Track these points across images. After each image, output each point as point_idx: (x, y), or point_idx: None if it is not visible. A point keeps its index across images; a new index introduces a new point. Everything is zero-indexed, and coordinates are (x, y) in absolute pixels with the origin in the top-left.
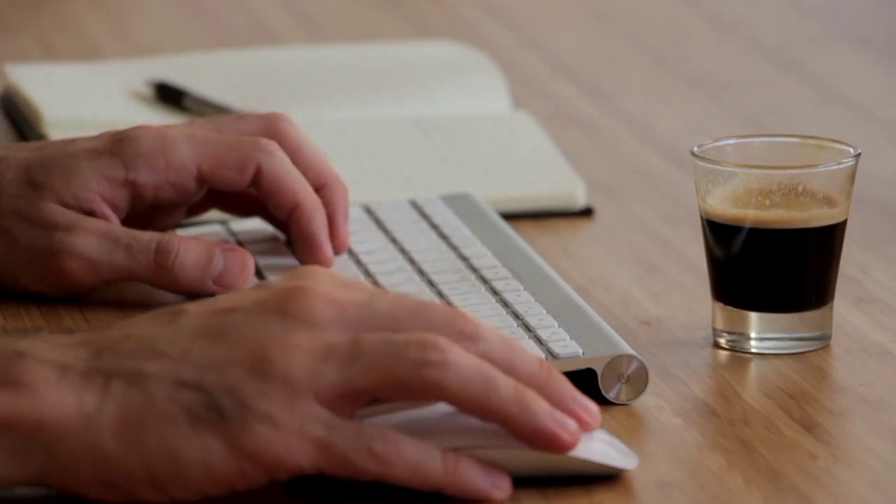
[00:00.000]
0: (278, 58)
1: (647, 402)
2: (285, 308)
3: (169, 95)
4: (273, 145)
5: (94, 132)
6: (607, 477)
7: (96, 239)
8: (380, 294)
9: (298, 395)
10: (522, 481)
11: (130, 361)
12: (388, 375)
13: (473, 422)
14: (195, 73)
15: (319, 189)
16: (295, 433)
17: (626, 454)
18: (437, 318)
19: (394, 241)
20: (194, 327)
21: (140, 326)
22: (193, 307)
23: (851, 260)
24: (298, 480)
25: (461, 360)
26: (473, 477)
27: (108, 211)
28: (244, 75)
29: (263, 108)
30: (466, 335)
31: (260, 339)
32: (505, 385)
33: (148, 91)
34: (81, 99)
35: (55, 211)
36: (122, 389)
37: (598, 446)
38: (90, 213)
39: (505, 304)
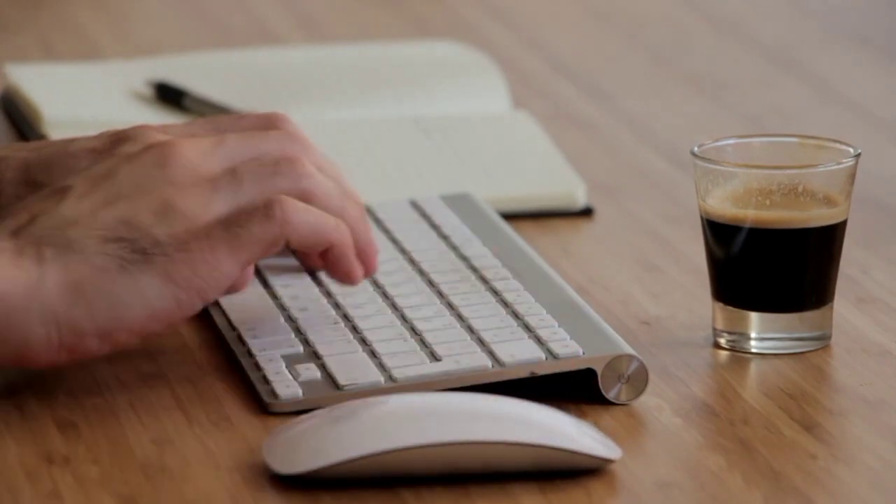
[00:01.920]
0: (278, 58)
1: (647, 402)
2: (160, 161)
3: (169, 95)
4: None
5: (94, 132)
6: (604, 475)
7: None
8: (222, 130)
9: (199, 222)
10: (521, 480)
11: (51, 232)
12: (269, 190)
13: (468, 416)
14: (195, 73)
15: None
16: (206, 250)
17: (611, 447)
18: (283, 139)
19: (394, 241)
20: (88, 197)
21: (36, 207)
22: (73, 181)
23: (851, 260)
24: (298, 478)
25: (321, 175)
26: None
27: None
28: (244, 75)
29: (263, 108)
30: (309, 149)
31: (153, 189)
32: (349, 203)
33: (148, 91)
34: (81, 99)
35: None
36: (55, 256)
37: (586, 441)
38: None
39: (505, 304)
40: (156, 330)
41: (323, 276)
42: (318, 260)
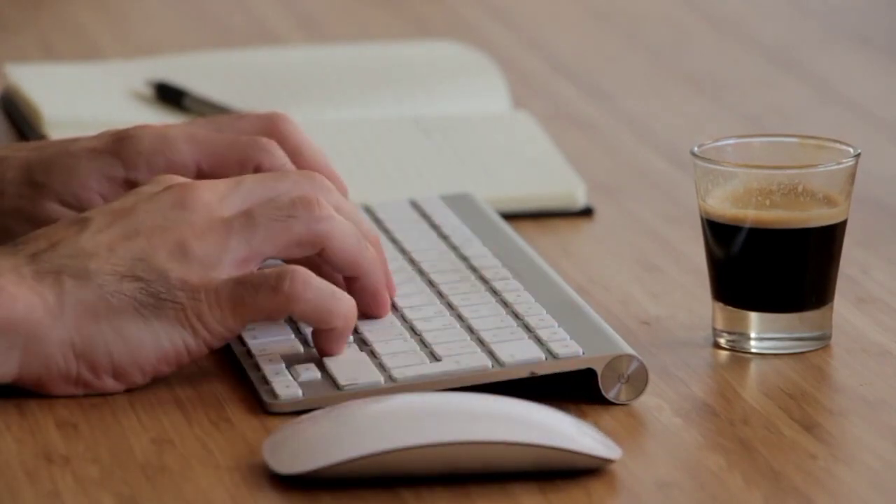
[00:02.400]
0: (278, 58)
1: (647, 402)
2: (179, 201)
3: (169, 95)
4: (273, 144)
5: (94, 132)
6: (604, 475)
7: None
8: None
9: (214, 269)
10: (521, 480)
11: (70, 261)
12: (285, 235)
13: (468, 416)
14: (195, 73)
15: None
16: (214, 305)
17: (611, 447)
18: (301, 181)
19: (394, 241)
20: (107, 231)
21: (55, 235)
22: (93, 214)
23: (851, 260)
24: (298, 478)
25: (338, 216)
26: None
27: None
28: (244, 75)
29: (263, 108)
30: (326, 190)
31: (170, 229)
32: (366, 244)
33: (148, 91)
34: (81, 99)
35: (56, 210)
36: (74, 286)
37: (586, 441)
38: None
39: (505, 304)
40: (166, 372)
41: None
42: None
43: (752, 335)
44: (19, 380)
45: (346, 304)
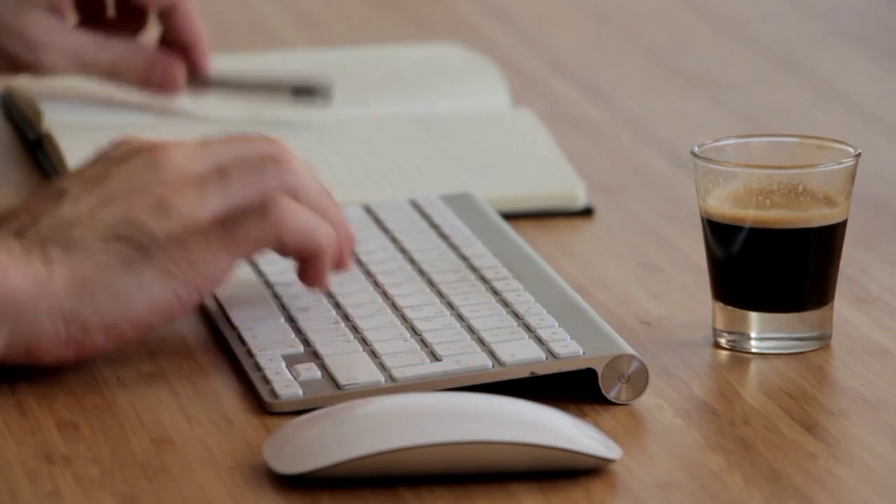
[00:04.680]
0: (280, 60)
1: (647, 402)
2: (151, 163)
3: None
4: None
5: (94, 132)
6: (604, 475)
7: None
8: (202, 138)
9: (196, 220)
10: (521, 480)
11: (55, 232)
12: (259, 187)
13: (468, 416)
14: None
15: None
16: (203, 247)
17: (611, 447)
18: (264, 143)
19: (394, 241)
20: (85, 198)
21: (35, 209)
22: (68, 184)
23: (851, 260)
24: (298, 478)
25: (304, 171)
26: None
27: None
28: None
29: (265, 108)
30: (289, 151)
31: (148, 190)
32: (330, 201)
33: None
34: (82, 99)
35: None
36: (60, 255)
37: (586, 441)
38: None
39: (505, 304)
40: (157, 323)
41: None
42: (295, 256)
43: (753, 335)
44: (7, 356)
45: (326, 227)
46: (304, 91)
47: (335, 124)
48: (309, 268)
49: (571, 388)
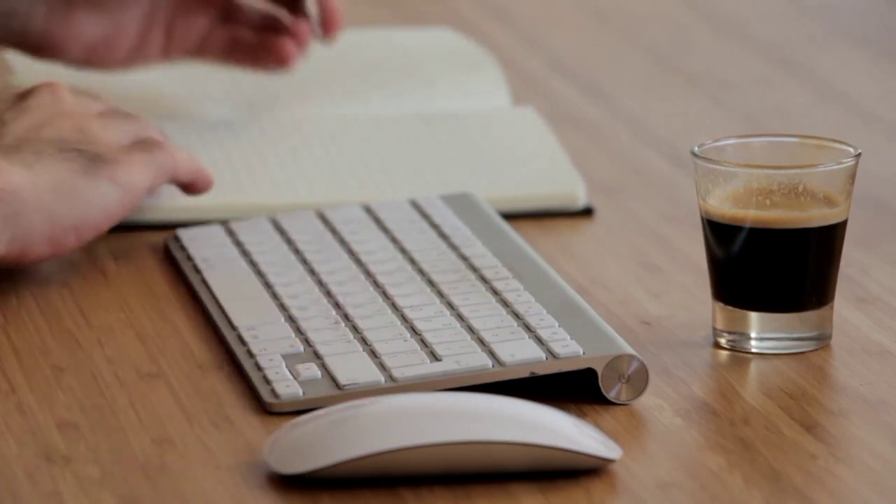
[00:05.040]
0: None
1: (647, 402)
2: (56, 98)
3: None
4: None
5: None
6: (604, 475)
7: None
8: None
9: (119, 143)
10: (521, 480)
11: (21, 143)
12: (143, 130)
13: (468, 416)
14: (197, 70)
15: None
16: (131, 163)
17: (611, 447)
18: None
19: (394, 241)
20: (19, 122)
21: None
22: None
23: (851, 260)
24: (298, 478)
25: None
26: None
27: None
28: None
29: (264, 105)
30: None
31: (61, 117)
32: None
33: None
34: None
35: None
36: (36, 161)
37: (586, 441)
38: None
39: (505, 304)
40: (104, 230)
41: (323, 276)
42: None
43: (753, 335)
44: (5, 257)
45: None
46: None
47: (336, 120)
48: (198, 181)
49: (571, 388)
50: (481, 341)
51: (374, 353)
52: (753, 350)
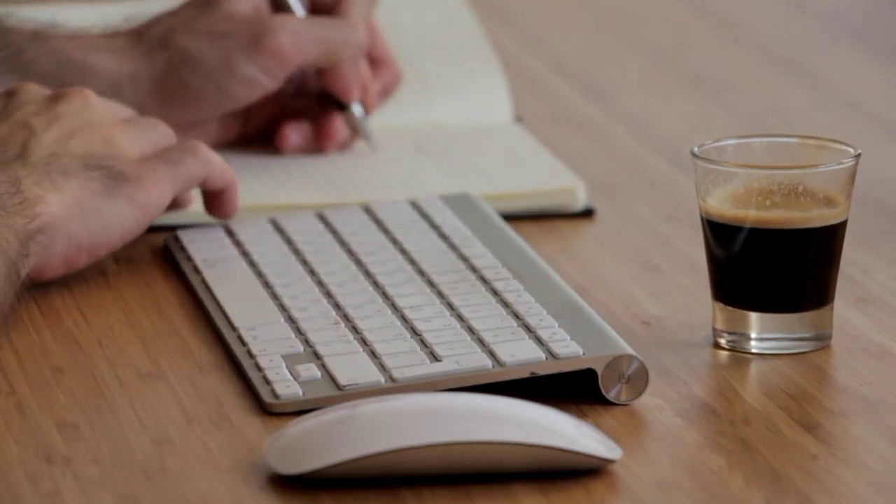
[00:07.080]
0: None
1: (647, 402)
2: (85, 104)
3: None
4: None
5: None
6: (604, 475)
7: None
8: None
9: (143, 154)
10: (521, 480)
11: (50, 161)
12: (167, 137)
13: (468, 416)
14: None
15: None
16: (155, 179)
17: (611, 447)
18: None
19: (394, 241)
20: (51, 131)
21: (13, 140)
22: (25, 118)
23: (851, 260)
24: (298, 478)
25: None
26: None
27: None
28: None
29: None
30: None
31: (89, 127)
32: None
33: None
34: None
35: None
36: (63, 182)
37: (586, 441)
38: None
39: (505, 304)
40: (118, 247)
41: (324, 276)
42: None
43: (753, 335)
44: (40, 274)
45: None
46: None
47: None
48: (224, 199)
49: (571, 388)
50: (481, 342)
51: (374, 354)
52: (753, 350)
